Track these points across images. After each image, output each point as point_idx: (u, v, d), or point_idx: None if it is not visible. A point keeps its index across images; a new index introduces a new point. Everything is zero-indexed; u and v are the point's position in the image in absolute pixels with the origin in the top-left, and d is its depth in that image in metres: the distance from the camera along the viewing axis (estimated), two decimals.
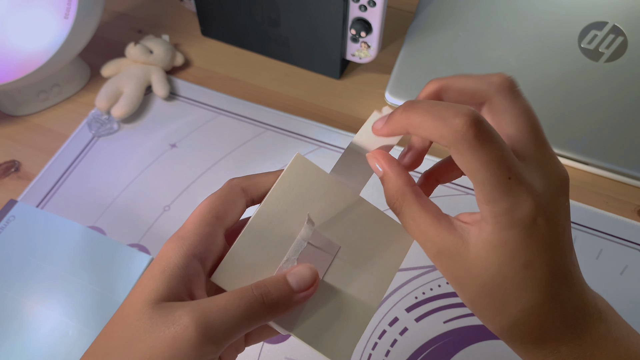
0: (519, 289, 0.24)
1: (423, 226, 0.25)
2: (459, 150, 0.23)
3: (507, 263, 0.24)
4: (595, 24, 0.52)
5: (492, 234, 0.24)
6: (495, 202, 0.23)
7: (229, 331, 0.23)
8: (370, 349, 0.44)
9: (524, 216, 0.23)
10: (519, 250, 0.23)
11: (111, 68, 0.61)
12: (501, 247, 0.24)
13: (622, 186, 0.54)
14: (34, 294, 0.46)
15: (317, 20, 0.58)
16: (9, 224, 0.51)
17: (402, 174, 0.27)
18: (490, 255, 0.24)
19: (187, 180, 0.55)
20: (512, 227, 0.23)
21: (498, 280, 0.24)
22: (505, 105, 0.25)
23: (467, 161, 0.23)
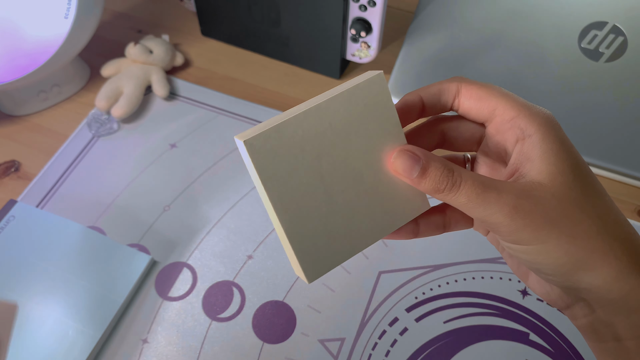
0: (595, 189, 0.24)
1: (493, 184, 0.24)
2: (469, 82, 0.27)
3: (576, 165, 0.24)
4: (595, 23, 0.52)
5: (544, 140, 0.24)
6: (524, 107, 0.25)
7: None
8: (370, 349, 0.44)
9: (550, 116, 0.25)
10: (569, 151, 0.24)
11: (111, 68, 0.61)
12: (560, 149, 0.24)
13: (622, 186, 0.54)
14: (34, 294, 0.46)
15: (317, 20, 0.58)
16: (8, 224, 0.50)
17: (441, 158, 0.26)
18: (558, 166, 0.24)
19: (187, 180, 0.55)
20: (553, 126, 0.25)
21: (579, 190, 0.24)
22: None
23: (479, 86, 0.26)
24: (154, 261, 0.49)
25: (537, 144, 0.24)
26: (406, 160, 0.25)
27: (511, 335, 0.44)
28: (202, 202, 0.53)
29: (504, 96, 0.25)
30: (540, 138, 0.24)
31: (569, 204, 0.23)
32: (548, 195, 0.23)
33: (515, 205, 0.23)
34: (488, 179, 0.24)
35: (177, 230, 0.51)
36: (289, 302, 0.47)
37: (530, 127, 0.24)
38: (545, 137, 0.24)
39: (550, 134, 0.24)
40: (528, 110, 0.25)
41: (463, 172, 0.24)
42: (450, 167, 0.24)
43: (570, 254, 0.23)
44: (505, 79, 0.55)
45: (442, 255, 0.49)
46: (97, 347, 0.44)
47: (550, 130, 0.24)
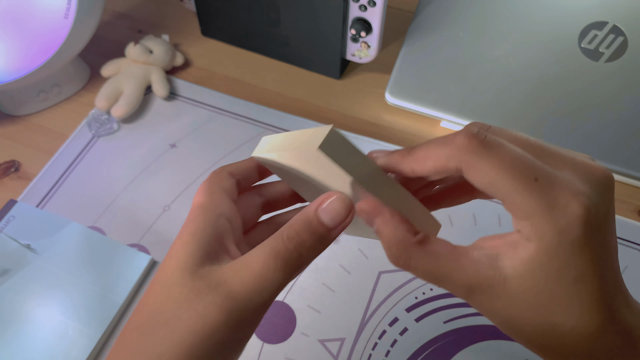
0: (569, 307, 0.21)
1: (443, 272, 0.22)
2: (469, 164, 0.21)
3: (555, 279, 0.21)
4: (595, 23, 0.52)
5: (537, 252, 0.21)
6: (534, 214, 0.20)
7: (265, 302, 0.23)
8: (371, 349, 0.44)
9: (571, 223, 0.20)
10: (569, 264, 0.20)
11: (111, 68, 0.61)
12: (548, 263, 0.20)
13: (622, 186, 0.54)
14: (34, 294, 0.46)
15: (317, 20, 0.58)
16: (8, 224, 0.50)
17: (398, 226, 0.23)
18: (535, 274, 0.21)
19: (187, 180, 0.55)
20: (561, 239, 0.20)
21: (544, 300, 0.21)
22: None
23: (482, 172, 0.21)
24: (154, 261, 0.49)
25: (528, 252, 0.21)
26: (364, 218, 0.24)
27: None
28: None
29: (511, 194, 0.20)
30: (535, 249, 0.21)
31: (523, 309, 0.22)
32: (504, 295, 0.22)
33: (467, 298, 0.23)
34: (443, 270, 0.22)
35: (177, 230, 0.51)
36: (289, 302, 0.47)
37: (534, 235, 0.21)
38: (540, 250, 0.21)
39: (549, 249, 0.20)
40: (539, 217, 0.20)
41: (414, 258, 0.23)
42: (401, 252, 0.23)
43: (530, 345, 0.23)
44: (504, 79, 0.55)
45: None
46: (97, 347, 0.44)
47: (552, 246, 0.20)
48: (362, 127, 0.59)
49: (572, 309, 0.21)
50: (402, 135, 0.59)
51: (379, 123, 0.60)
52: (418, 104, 0.57)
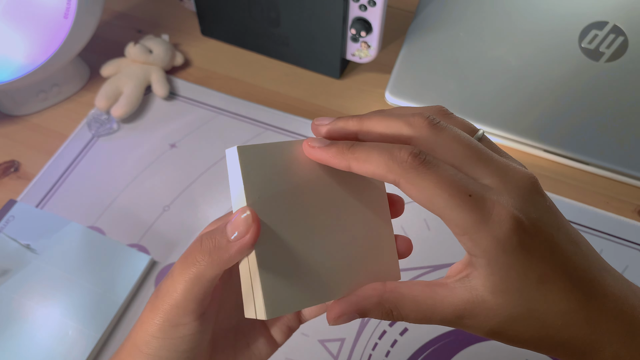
0: (549, 306, 0.22)
1: (425, 311, 0.24)
2: (409, 180, 0.22)
3: (522, 286, 0.22)
4: (595, 23, 0.52)
5: (489, 265, 0.22)
6: (470, 228, 0.22)
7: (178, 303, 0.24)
8: (371, 350, 0.44)
9: (507, 232, 0.22)
10: (524, 269, 0.22)
11: (111, 68, 0.61)
12: (508, 273, 0.22)
13: (622, 186, 0.54)
14: (34, 294, 0.46)
15: (317, 19, 0.58)
16: (8, 224, 0.50)
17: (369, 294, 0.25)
18: (503, 287, 0.22)
19: (187, 180, 0.55)
20: (504, 250, 0.22)
21: (524, 308, 0.23)
22: (431, 143, 0.24)
23: (420, 188, 0.22)
24: (153, 261, 0.49)
25: (483, 267, 0.22)
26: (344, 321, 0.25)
27: None
28: (202, 202, 0.53)
29: (448, 210, 0.22)
30: (485, 263, 0.22)
31: (511, 322, 0.23)
32: (491, 314, 0.23)
33: (459, 325, 0.24)
34: (430, 308, 0.24)
35: (177, 230, 0.51)
36: None
37: (476, 250, 0.22)
38: (490, 262, 0.22)
39: (497, 260, 0.22)
40: (475, 232, 0.22)
41: (403, 309, 0.24)
42: (389, 310, 0.24)
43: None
44: (505, 79, 0.55)
45: (442, 255, 0.49)
46: (97, 347, 0.44)
47: (498, 256, 0.22)
48: None
49: (553, 306, 0.22)
50: None
51: None
52: (418, 103, 0.57)
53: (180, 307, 0.24)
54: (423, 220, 0.51)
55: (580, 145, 0.53)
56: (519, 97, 0.54)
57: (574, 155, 0.53)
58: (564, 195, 0.53)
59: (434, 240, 0.50)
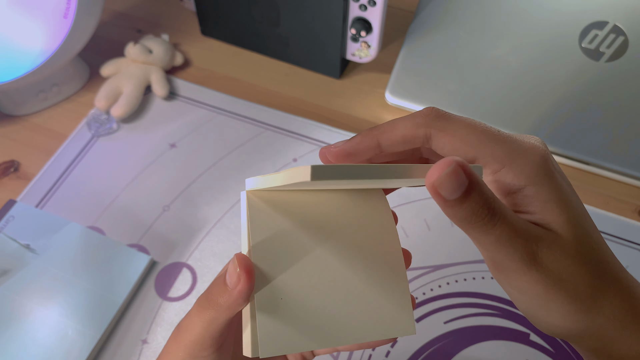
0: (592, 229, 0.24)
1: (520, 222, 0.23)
2: (439, 127, 0.23)
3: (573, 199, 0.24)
4: (595, 23, 0.52)
5: (538, 193, 0.23)
6: (509, 157, 0.23)
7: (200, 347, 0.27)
8: (370, 350, 0.44)
9: (542, 156, 0.23)
10: (565, 187, 0.24)
11: (110, 68, 0.61)
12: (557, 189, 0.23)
13: (622, 186, 0.54)
14: (34, 294, 0.46)
15: (317, 19, 0.58)
16: (8, 224, 0.50)
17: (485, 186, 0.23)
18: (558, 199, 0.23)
19: (187, 180, 0.55)
20: (545, 172, 0.23)
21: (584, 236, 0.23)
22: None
23: (453, 131, 0.23)
24: (153, 261, 0.49)
25: (534, 197, 0.23)
26: (453, 181, 0.20)
27: (512, 336, 0.44)
28: (202, 202, 0.53)
29: (483, 145, 0.23)
30: (535, 191, 0.23)
31: (578, 264, 0.23)
32: (562, 251, 0.23)
33: (535, 257, 0.23)
34: (520, 220, 0.23)
35: (177, 230, 0.51)
36: None
37: (520, 177, 0.23)
38: (537, 185, 0.23)
39: (544, 184, 0.23)
40: (514, 160, 0.23)
41: (503, 209, 0.22)
42: (492, 197, 0.21)
43: (567, 317, 0.24)
44: (505, 79, 0.55)
45: (442, 255, 0.49)
46: (97, 347, 0.44)
47: (543, 180, 0.23)
48: (362, 127, 0.59)
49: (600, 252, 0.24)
50: None
51: (379, 123, 0.60)
52: (418, 103, 0.57)
53: (199, 342, 0.26)
54: (423, 220, 0.51)
55: (580, 145, 0.53)
56: (518, 97, 0.54)
57: (574, 155, 0.53)
58: None
59: (434, 240, 0.50)
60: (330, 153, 0.25)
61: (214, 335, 0.26)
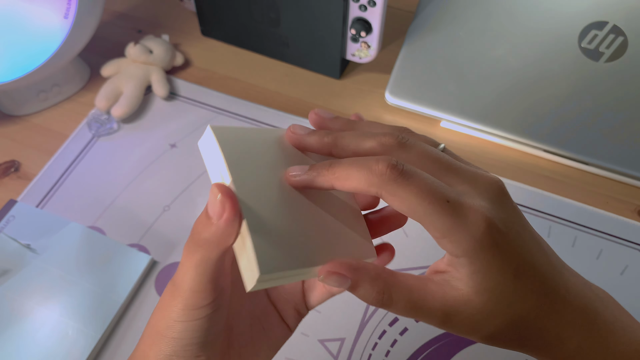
0: (522, 300, 0.24)
1: (415, 302, 0.25)
2: (390, 192, 0.23)
3: (503, 282, 0.24)
4: (595, 23, 0.52)
5: (471, 264, 0.24)
6: (450, 231, 0.23)
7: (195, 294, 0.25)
8: (371, 349, 0.44)
9: (483, 232, 0.23)
10: (501, 266, 0.24)
11: (111, 68, 0.61)
12: (488, 270, 0.24)
13: (622, 186, 0.54)
14: (34, 294, 0.46)
15: (317, 20, 0.58)
16: (8, 224, 0.50)
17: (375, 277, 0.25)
18: (485, 284, 0.24)
19: (187, 180, 0.55)
20: (482, 248, 0.23)
21: (505, 302, 0.24)
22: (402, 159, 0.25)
23: (401, 198, 0.23)
24: (154, 261, 0.49)
25: (465, 266, 0.24)
26: (334, 282, 0.25)
27: None
28: (202, 202, 0.53)
29: (428, 216, 0.24)
30: (467, 262, 0.24)
31: (491, 319, 0.24)
32: (475, 311, 0.24)
33: (445, 322, 0.25)
34: (420, 298, 0.24)
35: (177, 230, 0.51)
36: None
37: (457, 250, 0.24)
38: (472, 260, 0.24)
39: (478, 257, 0.24)
40: (455, 234, 0.24)
41: (395, 292, 0.24)
42: (382, 290, 0.24)
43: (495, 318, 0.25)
44: (505, 79, 0.55)
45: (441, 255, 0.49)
46: (97, 347, 0.44)
47: (477, 254, 0.24)
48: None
49: (527, 300, 0.24)
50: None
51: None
52: (418, 104, 0.57)
53: (196, 290, 0.25)
54: None
55: (580, 145, 0.53)
56: (518, 97, 0.54)
57: (574, 155, 0.53)
58: (564, 195, 0.53)
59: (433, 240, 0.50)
60: (289, 181, 0.26)
61: (209, 278, 0.25)
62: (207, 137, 0.26)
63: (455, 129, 0.59)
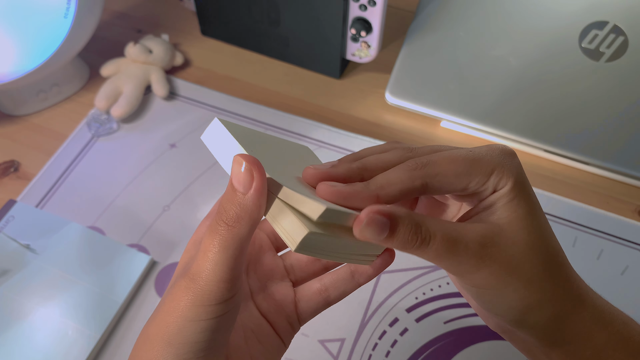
0: (554, 239, 0.26)
1: (451, 233, 0.24)
2: (431, 173, 0.25)
3: (536, 214, 0.26)
4: (595, 23, 0.52)
5: (510, 192, 0.25)
6: (496, 167, 0.25)
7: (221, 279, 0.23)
8: (371, 350, 0.44)
9: (520, 173, 0.25)
10: (535, 203, 0.26)
11: (111, 68, 0.61)
12: (526, 203, 0.25)
13: (622, 186, 0.54)
14: (34, 294, 0.46)
15: (317, 19, 0.58)
16: (8, 224, 0.50)
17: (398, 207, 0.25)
18: (522, 212, 0.25)
19: (187, 180, 0.55)
20: (522, 186, 0.25)
21: (538, 233, 0.25)
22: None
23: (444, 170, 0.25)
24: (153, 261, 0.49)
25: (505, 198, 0.25)
26: (375, 229, 0.23)
27: None
28: (202, 202, 0.53)
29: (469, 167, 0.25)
30: (507, 195, 0.25)
31: (527, 250, 0.25)
32: (509, 242, 0.25)
33: (482, 256, 0.24)
34: (455, 230, 0.24)
35: (177, 230, 0.51)
36: None
37: (500, 183, 0.25)
38: (511, 194, 0.25)
39: (518, 192, 0.25)
40: (499, 172, 0.25)
41: (431, 226, 0.24)
42: (418, 223, 0.24)
43: (523, 299, 0.25)
44: (505, 78, 0.55)
45: None
46: (97, 347, 0.44)
47: (518, 189, 0.25)
48: (362, 127, 0.59)
49: (557, 245, 0.26)
50: (403, 135, 0.58)
51: (379, 123, 0.60)
52: (418, 103, 0.57)
53: (220, 280, 0.23)
54: None
55: (580, 145, 0.53)
56: (518, 97, 0.54)
57: (574, 155, 0.53)
58: (564, 195, 0.53)
59: None
60: (325, 193, 0.25)
61: (234, 264, 0.23)
62: (214, 129, 0.25)
63: (455, 129, 0.58)
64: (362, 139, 0.57)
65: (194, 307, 0.23)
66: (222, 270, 0.23)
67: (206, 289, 0.23)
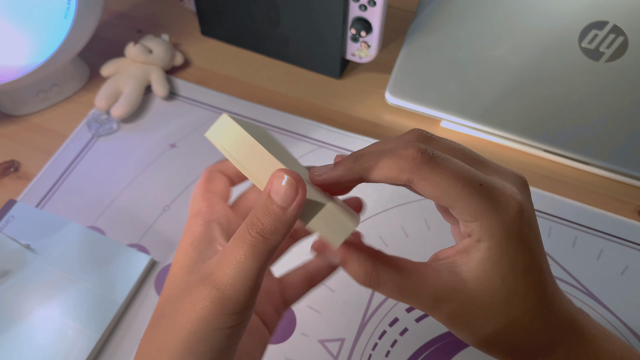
0: (524, 298, 0.24)
1: (409, 285, 0.24)
2: (422, 176, 0.23)
3: (508, 274, 0.23)
4: (595, 23, 0.52)
5: (489, 249, 0.23)
6: (482, 215, 0.23)
7: (248, 289, 0.23)
8: (371, 349, 0.44)
9: (513, 217, 0.23)
10: (517, 257, 0.23)
11: (111, 68, 0.61)
12: (500, 260, 0.23)
13: (622, 186, 0.54)
14: (34, 294, 0.46)
15: (317, 19, 0.58)
16: (8, 224, 0.50)
17: (365, 256, 0.25)
18: (490, 273, 0.23)
19: (187, 180, 0.55)
20: (507, 235, 0.23)
21: (502, 296, 0.23)
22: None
23: (434, 182, 0.23)
24: (153, 261, 0.49)
25: (481, 252, 0.24)
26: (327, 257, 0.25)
27: None
28: None
29: (460, 200, 0.23)
30: (486, 247, 0.23)
31: (489, 314, 0.24)
32: (468, 301, 0.24)
33: (434, 307, 0.24)
34: (408, 285, 0.24)
35: (177, 230, 0.51)
36: None
37: (484, 235, 0.23)
38: (492, 247, 0.23)
39: (500, 244, 0.23)
40: (486, 217, 0.23)
41: (382, 273, 0.24)
42: (369, 268, 0.24)
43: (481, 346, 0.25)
44: (505, 78, 0.55)
45: None
46: (97, 347, 0.44)
47: (501, 241, 0.23)
48: (362, 127, 0.59)
49: (526, 300, 0.24)
50: None
51: (379, 123, 0.60)
52: (418, 103, 0.57)
53: (250, 287, 0.23)
54: (423, 221, 0.51)
55: (580, 145, 0.53)
56: (518, 97, 0.54)
57: (574, 155, 0.53)
58: (564, 195, 0.53)
59: (434, 240, 0.50)
60: (314, 182, 0.25)
61: (262, 273, 0.23)
62: (222, 126, 0.25)
63: (455, 129, 0.58)
64: (362, 139, 0.57)
65: (220, 316, 0.23)
66: (250, 279, 0.23)
67: (233, 298, 0.23)
